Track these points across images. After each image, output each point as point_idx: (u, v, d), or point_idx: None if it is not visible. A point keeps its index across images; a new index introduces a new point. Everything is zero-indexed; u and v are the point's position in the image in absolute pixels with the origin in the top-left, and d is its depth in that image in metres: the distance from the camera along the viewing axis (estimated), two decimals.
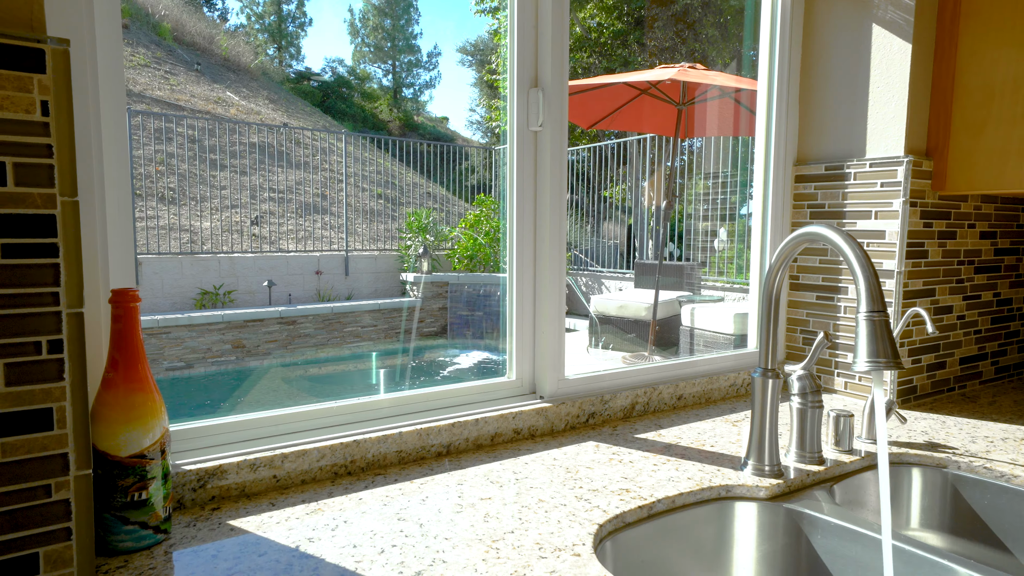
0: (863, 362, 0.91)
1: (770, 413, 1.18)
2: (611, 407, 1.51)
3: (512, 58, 1.40)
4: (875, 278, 0.93)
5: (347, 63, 24.72)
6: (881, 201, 1.64)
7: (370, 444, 1.19)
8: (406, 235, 9.71)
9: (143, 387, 0.89)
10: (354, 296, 9.03)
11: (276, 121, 13.20)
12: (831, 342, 1.24)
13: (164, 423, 0.92)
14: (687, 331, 5.78)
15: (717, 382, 1.71)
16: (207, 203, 9.45)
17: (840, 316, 1.73)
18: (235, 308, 7.73)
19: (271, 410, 1.18)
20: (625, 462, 1.24)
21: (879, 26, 1.65)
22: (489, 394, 1.42)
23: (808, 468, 1.23)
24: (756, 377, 1.19)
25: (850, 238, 0.98)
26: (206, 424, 1.10)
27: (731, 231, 8.88)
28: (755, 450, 1.19)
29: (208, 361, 7.11)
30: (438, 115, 26.33)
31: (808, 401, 1.25)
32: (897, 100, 1.62)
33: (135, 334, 0.89)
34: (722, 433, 1.43)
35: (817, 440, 1.26)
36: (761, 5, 1.83)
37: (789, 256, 1.13)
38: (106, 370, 0.89)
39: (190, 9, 17.75)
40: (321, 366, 7.29)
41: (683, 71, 5.31)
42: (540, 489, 1.11)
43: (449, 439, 1.28)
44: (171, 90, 12.45)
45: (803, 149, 1.84)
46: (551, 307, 1.43)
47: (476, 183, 13.27)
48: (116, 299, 0.88)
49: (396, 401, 1.30)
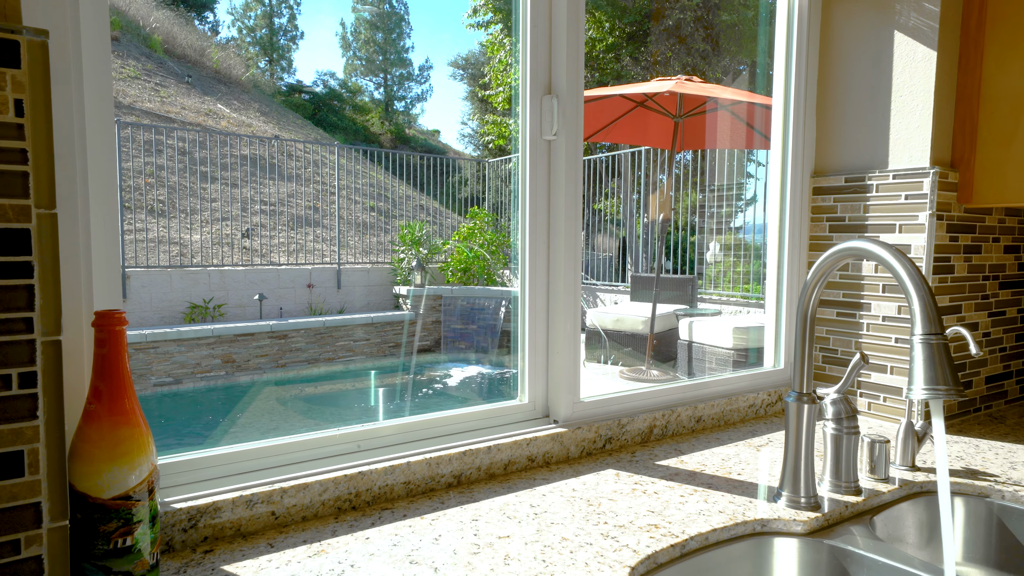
0: (920, 389, 0.84)
1: (806, 441, 1.10)
2: (628, 431, 1.43)
3: (524, 63, 1.33)
4: (931, 297, 0.86)
5: (339, 76, 24.68)
6: (906, 214, 1.58)
7: (376, 475, 1.10)
8: (399, 248, 9.62)
9: (129, 420, 0.80)
10: (346, 309, 8.92)
11: (267, 134, 13.11)
12: (868, 363, 1.16)
13: (152, 459, 0.83)
14: (685, 345, 5.71)
15: (736, 403, 1.63)
16: (197, 215, 9.33)
17: (863, 334, 1.66)
18: (225, 322, 7.60)
19: (268, 439, 1.09)
20: (649, 493, 1.16)
21: (901, 33, 1.59)
22: (500, 418, 1.33)
23: (845, 499, 1.15)
24: (790, 402, 1.11)
25: (900, 254, 0.90)
26: (198, 456, 1.01)
27: (725, 244, 8.85)
28: (790, 480, 1.11)
29: (197, 376, 6.97)
30: (430, 128, 26.33)
31: (843, 427, 1.17)
32: (922, 109, 1.56)
33: (121, 361, 0.80)
34: (747, 459, 1.35)
35: (853, 468, 1.18)
36: (776, 12, 1.77)
37: (827, 272, 1.06)
38: (88, 401, 0.80)
39: (181, 22, 17.68)
40: (317, 385, 7.13)
41: (680, 83, 5.27)
42: (562, 525, 1.03)
43: (460, 468, 1.20)
44: (161, 102, 12.35)
45: (821, 160, 1.78)
46: (566, 325, 1.35)
47: (468, 196, 13.21)
48: (100, 322, 0.79)
49: (402, 428, 1.21)
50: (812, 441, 1.10)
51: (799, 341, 1.10)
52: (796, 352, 1.11)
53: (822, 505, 1.11)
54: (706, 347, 5.41)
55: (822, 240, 1.76)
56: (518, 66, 1.35)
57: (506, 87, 15.09)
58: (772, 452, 1.40)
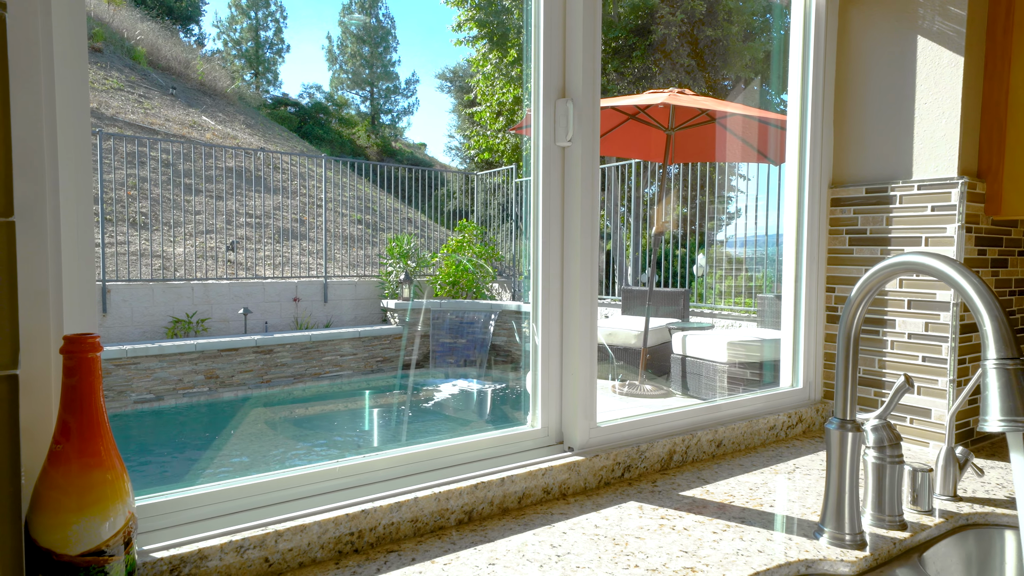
0: (996, 421, 0.75)
1: (850, 472, 1.01)
2: (647, 458, 1.33)
3: (537, 65, 1.24)
4: (1005, 317, 0.77)
5: (325, 89, 24.54)
6: (933, 226, 1.50)
7: (381, 513, 0.99)
8: (387, 261, 9.50)
9: (102, 461, 0.70)
10: (333, 323, 8.76)
11: (253, 146, 12.97)
12: (913, 387, 1.08)
13: (129, 505, 0.73)
14: (679, 359, 5.63)
15: (756, 425, 1.54)
16: (180, 228, 9.16)
17: (887, 352, 1.58)
18: (209, 337, 7.42)
19: (259, 475, 0.98)
20: (679, 529, 1.06)
21: (925, 38, 1.53)
22: (511, 446, 1.23)
23: (891, 535, 1.06)
24: (832, 430, 1.02)
25: (965, 269, 0.82)
26: (182, 496, 0.90)
27: (710, 257, 8.83)
28: (832, 516, 1.02)
29: (179, 393, 6.79)
30: (416, 141, 26.25)
31: (887, 455, 1.09)
32: (948, 117, 1.49)
33: (94, 393, 0.70)
34: (776, 488, 1.26)
35: (898, 501, 1.09)
36: (791, 16, 1.70)
37: (874, 289, 0.97)
38: (55, 439, 0.69)
39: (166, 34, 17.51)
40: (308, 406, 6.95)
41: (673, 95, 5.23)
42: (589, 570, 0.92)
43: (471, 503, 1.09)
44: (145, 114, 12.17)
45: (839, 170, 1.70)
46: (582, 345, 1.26)
47: (455, 209, 13.13)
48: (70, 348, 0.68)
49: (407, 459, 1.10)
50: (856, 473, 1.01)
51: (842, 363, 1.01)
52: (839, 375, 1.02)
53: (867, 542, 1.02)
54: (700, 361, 5.34)
55: (841, 253, 1.68)
56: (529, 67, 1.27)
57: (493, 102, 15.07)
58: (801, 480, 1.30)
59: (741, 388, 4.89)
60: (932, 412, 1.50)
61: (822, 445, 1.55)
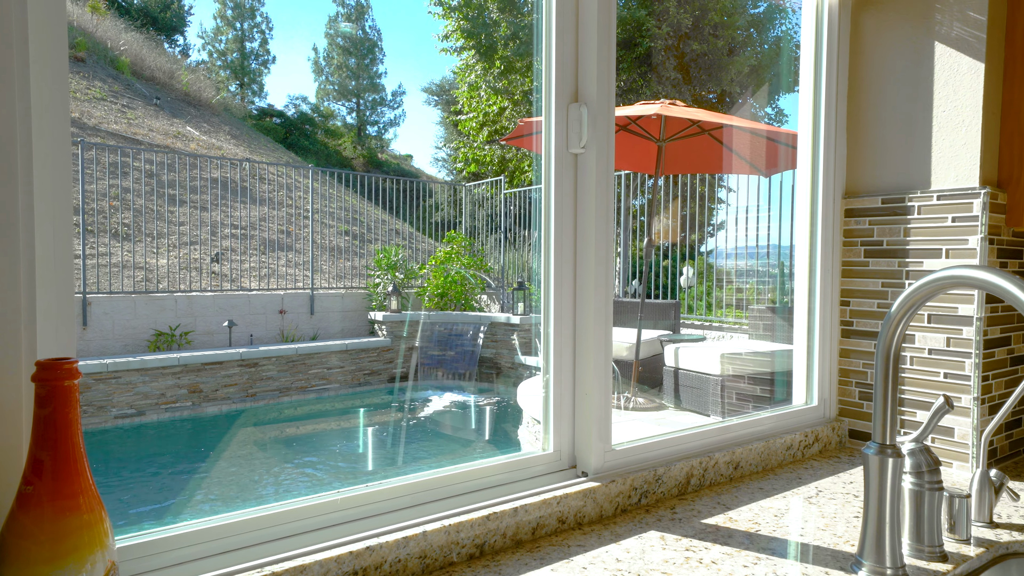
0: None
1: (891, 501, 0.94)
2: (664, 482, 1.26)
3: (548, 67, 1.18)
4: None
5: (311, 100, 24.43)
6: (953, 238, 1.45)
7: (387, 550, 0.91)
8: (374, 272, 9.39)
9: (78, 503, 0.61)
10: (320, 336, 8.63)
11: (238, 156, 12.83)
12: (951, 407, 1.02)
13: (110, 551, 0.64)
14: (671, 371, 5.58)
15: (773, 446, 1.47)
16: (164, 239, 9.00)
17: (906, 368, 1.52)
18: (192, 350, 7.27)
19: (254, 508, 0.89)
20: (706, 563, 0.99)
21: (943, 44, 1.48)
22: (522, 471, 1.15)
23: (932, 567, 0.99)
24: (870, 455, 0.95)
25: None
26: (168, 535, 0.81)
27: (700, 271, 8.81)
28: (872, 548, 0.95)
29: (161, 408, 6.63)
30: (403, 152, 26.18)
31: (925, 481, 1.02)
32: (968, 125, 1.44)
33: (70, 425, 0.62)
34: (801, 514, 1.19)
35: (938, 530, 1.02)
36: (802, 22, 1.65)
37: (918, 305, 0.91)
38: (25, 479, 0.61)
39: (150, 44, 17.36)
40: (298, 425, 6.78)
41: (665, 107, 5.20)
42: None
43: (483, 535, 1.01)
44: (128, 124, 12.01)
45: (853, 180, 1.65)
46: (596, 363, 1.18)
47: (442, 220, 13.06)
48: (43, 376, 0.60)
49: (412, 488, 1.02)
50: (897, 501, 0.95)
51: (880, 384, 0.95)
52: (877, 396, 0.95)
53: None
54: (693, 374, 5.28)
55: (856, 266, 1.63)
56: (540, 70, 1.20)
57: (478, 112, 15.05)
58: (827, 505, 1.24)
59: (737, 400, 4.84)
60: (956, 431, 1.44)
61: (840, 465, 1.48)
